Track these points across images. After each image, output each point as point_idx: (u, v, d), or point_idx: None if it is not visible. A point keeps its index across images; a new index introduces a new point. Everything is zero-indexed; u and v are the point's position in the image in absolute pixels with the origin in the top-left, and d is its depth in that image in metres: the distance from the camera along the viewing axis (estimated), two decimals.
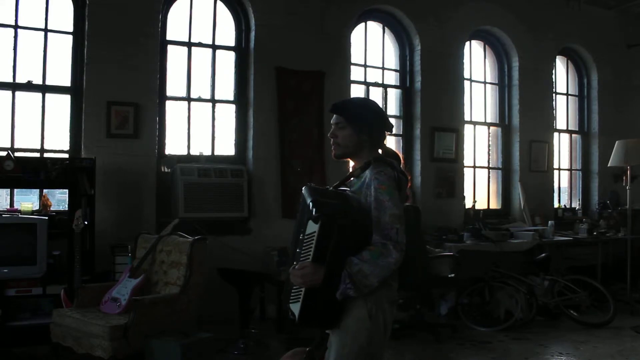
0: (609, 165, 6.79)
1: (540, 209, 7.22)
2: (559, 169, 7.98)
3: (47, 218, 4.33)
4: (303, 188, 2.20)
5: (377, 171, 2.11)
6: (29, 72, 5.01)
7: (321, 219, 1.98)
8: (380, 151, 2.30)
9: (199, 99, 5.69)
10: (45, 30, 5.06)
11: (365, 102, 2.47)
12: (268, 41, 5.76)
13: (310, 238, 2.04)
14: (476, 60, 7.30)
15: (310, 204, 2.02)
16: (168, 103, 5.51)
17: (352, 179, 2.23)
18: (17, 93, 4.98)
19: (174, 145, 5.57)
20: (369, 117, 2.26)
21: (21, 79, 4.98)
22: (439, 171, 6.67)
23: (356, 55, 6.42)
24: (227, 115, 5.82)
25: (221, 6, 5.80)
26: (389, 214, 2.04)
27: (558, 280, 5.81)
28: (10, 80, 4.94)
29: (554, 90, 7.80)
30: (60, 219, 4.57)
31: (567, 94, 8.12)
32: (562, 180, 8.07)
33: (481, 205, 7.18)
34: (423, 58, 6.60)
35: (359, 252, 2.01)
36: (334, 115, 2.28)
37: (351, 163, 2.35)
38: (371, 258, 2.01)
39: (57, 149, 5.09)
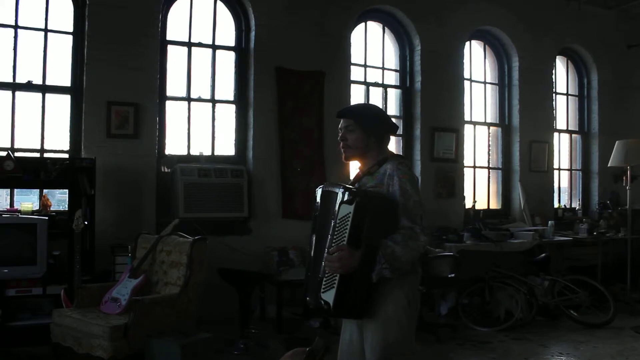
0: (609, 166, 6.80)
1: (540, 209, 7.21)
2: (559, 169, 7.96)
3: (47, 218, 4.33)
4: (322, 186, 2.39)
5: (398, 162, 2.30)
6: (29, 72, 5.01)
7: (356, 200, 2.12)
8: None
9: (199, 99, 5.69)
10: (45, 30, 5.07)
11: (371, 107, 2.71)
12: (268, 41, 5.76)
13: (344, 221, 2.15)
14: (476, 60, 7.30)
15: (341, 189, 2.20)
16: (168, 103, 5.52)
17: (365, 176, 2.37)
18: (17, 93, 4.99)
19: (174, 145, 5.57)
20: (376, 120, 2.44)
21: (21, 79, 4.98)
22: (439, 171, 6.67)
23: (356, 56, 6.42)
24: (227, 115, 5.83)
25: (221, 6, 5.81)
26: (413, 201, 2.21)
27: (558, 280, 5.81)
28: (10, 80, 4.95)
29: (554, 90, 7.79)
30: (60, 219, 4.57)
31: (567, 94, 8.11)
32: (562, 180, 8.06)
33: (481, 205, 7.17)
34: (423, 58, 6.59)
35: (388, 235, 2.15)
36: (342, 120, 2.43)
37: (352, 165, 2.43)
38: (402, 240, 2.14)
39: (57, 149, 5.09)
